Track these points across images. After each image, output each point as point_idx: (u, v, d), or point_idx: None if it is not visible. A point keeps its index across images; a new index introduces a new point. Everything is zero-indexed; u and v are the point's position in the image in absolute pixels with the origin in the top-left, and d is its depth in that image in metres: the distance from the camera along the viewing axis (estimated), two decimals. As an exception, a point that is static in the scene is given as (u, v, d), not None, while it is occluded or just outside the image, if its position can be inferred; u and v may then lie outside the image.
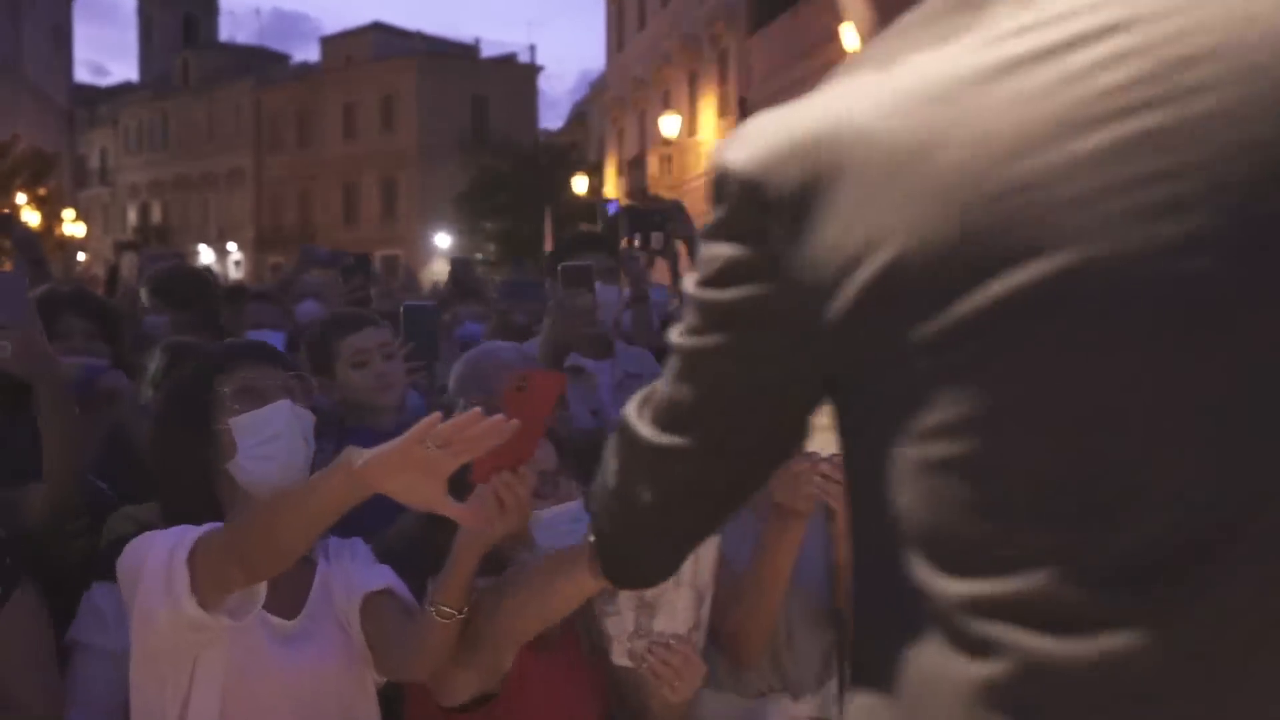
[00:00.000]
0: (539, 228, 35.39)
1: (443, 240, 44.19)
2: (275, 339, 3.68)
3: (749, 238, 1.02)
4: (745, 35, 28.99)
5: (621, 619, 1.94)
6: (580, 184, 36.45)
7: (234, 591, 1.81)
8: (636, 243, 4.11)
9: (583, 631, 2.13)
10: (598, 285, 3.30)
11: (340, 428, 2.88)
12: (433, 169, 48.90)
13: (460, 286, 6.20)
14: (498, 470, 1.75)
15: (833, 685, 2.47)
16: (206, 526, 1.87)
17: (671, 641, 1.94)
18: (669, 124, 31.75)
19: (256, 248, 54.94)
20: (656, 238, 4.52)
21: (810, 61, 25.98)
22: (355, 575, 2.03)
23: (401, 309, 3.42)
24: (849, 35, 17.35)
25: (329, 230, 49.01)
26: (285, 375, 2.13)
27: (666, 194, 33.48)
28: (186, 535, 1.85)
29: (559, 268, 3.28)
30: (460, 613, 1.84)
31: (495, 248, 38.90)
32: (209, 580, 1.79)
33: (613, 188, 37.54)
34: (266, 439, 2.04)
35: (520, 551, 2.07)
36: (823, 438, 2.00)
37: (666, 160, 32.99)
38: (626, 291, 3.83)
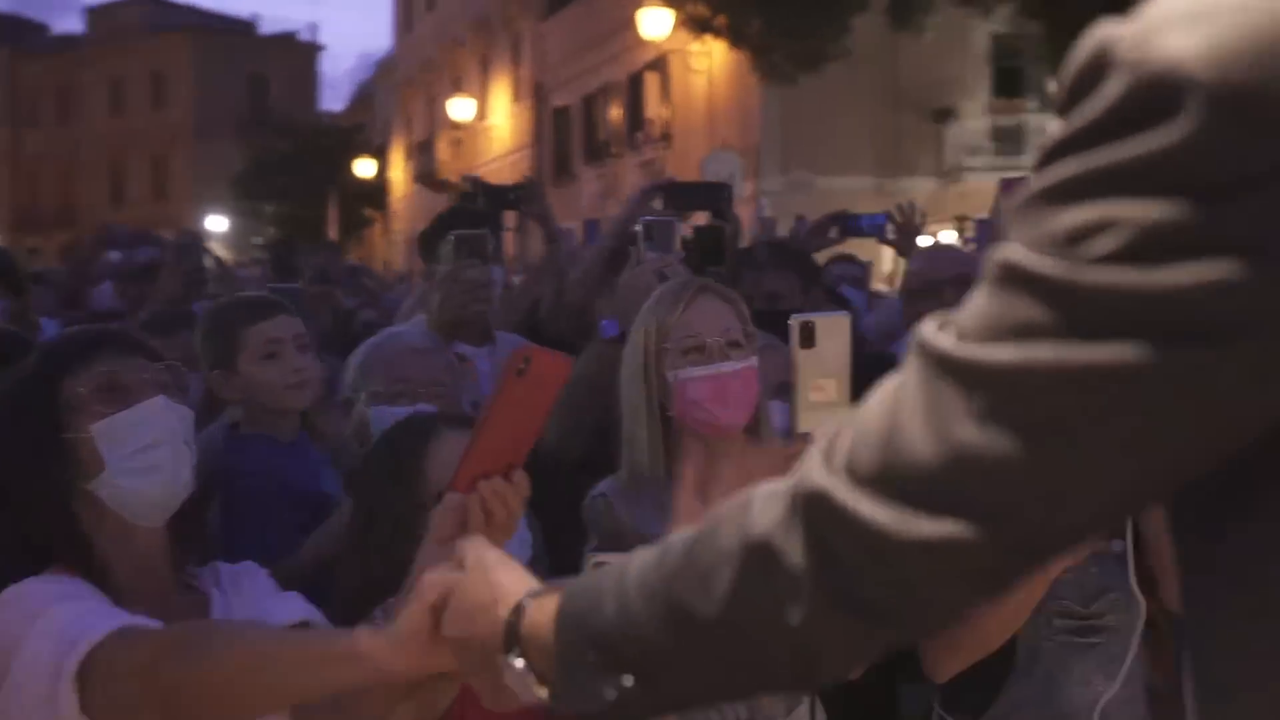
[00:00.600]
0: (321, 212, 34.32)
1: (217, 223, 42.33)
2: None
3: (1215, 187, 0.66)
4: (539, 19, 28.68)
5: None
6: (365, 167, 35.51)
7: None
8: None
9: None
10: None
11: (233, 434, 2.51)
12: (207, 149, 46.91)
13: (283, 271, 5.74)
14: (485, 476, 1.39)
15: (802, 711, 2.25)
16: (107, 623, 1.41)
17: None
18: (460, 108, 31.19)
19: (12, 229, 51.48)
20: (511, 216, 4.23)
21: (606, 48, 25.92)
22: (261, 608, 1.67)
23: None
24: (645, 21, 17.37)
25: (94, 211, 46.24)
26: (155, 367, 1.72)
27: (455, 179, 32.93)
28: (79, 635, 1.39)
29: (453, 236, 2.99)
30: None
31: (274, 231, 37.47)
32: (108, 711, 1.37)
33: (399, 172, 36.69)
34: (143, 447, 1.64)
35: None
36: (815, 414, 1.79)
37: (456, 144, 32.41)
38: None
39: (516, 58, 30.72)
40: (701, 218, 3.65)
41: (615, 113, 26.06)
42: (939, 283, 3.23)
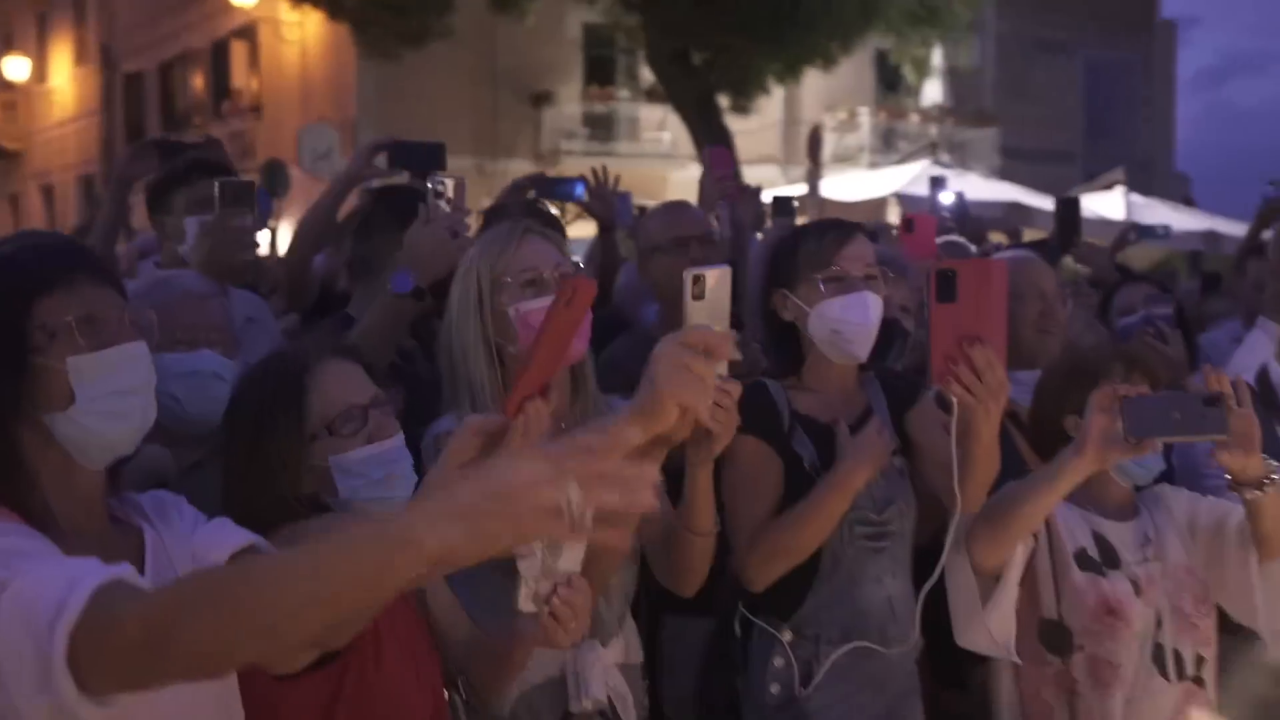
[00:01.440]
0: None
1: None
2: None
3: None
4: (107, -23, 26.72)
5: (533, 560, 1.76)
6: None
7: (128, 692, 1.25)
8: None
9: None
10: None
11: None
12: None
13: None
14: (530, 399, 1.45)
15: (631, 625, 2.41)
16: (78, 589, 1.26)
17: (571, 581, 1.80)
18: (13, 67, 28.51)
19: None
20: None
21: (185, 13, 24.53)
22: (201, 536, 1.63)
23: None
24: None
25: None
26: (129, 307, 1.63)
27: (12, 145, 30.02)
28: (55, 615, 1.25)
29: (218, 185, 2.89)
30: None
31: None
32: (102, 678, 1.24)
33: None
34: (118, 391, 1.56)
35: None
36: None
37: (11, 107, 29.56)
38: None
39: (80, 17, 28.43)
40: None
41: (197, 81, 24.75)
42: (685, 239, 3.46)
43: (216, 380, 2.38)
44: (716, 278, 1.97)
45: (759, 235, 4.43)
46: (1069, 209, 5.25)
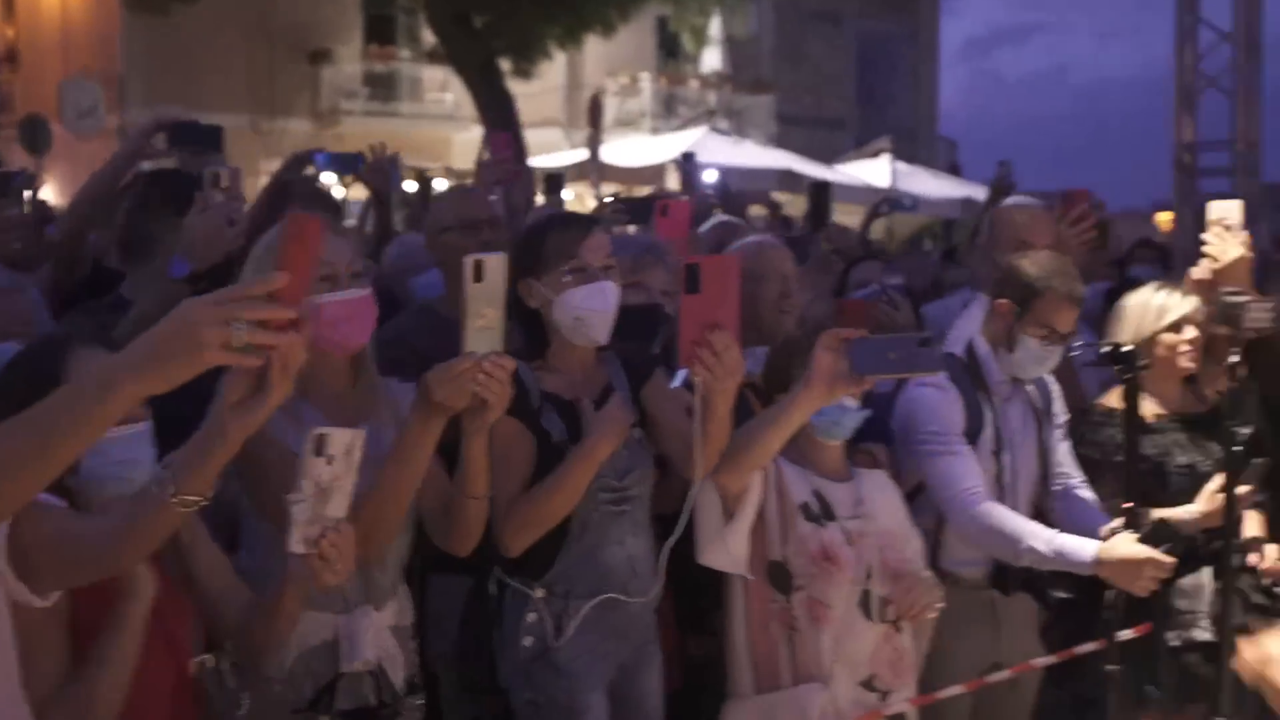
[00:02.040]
0: None
1: None
2: None
3: None
4: None
5: (304, 505, 1.95)
6: None
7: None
8: None
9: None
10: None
11: None
12: None
13: None
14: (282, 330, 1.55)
15: (404, 589, 2.61)
16: None
17: (339, 526, 2.00)
18: None
19: None
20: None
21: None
22: None
23: None
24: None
25: None
26: None
27: None
28: None
29: None
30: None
31: None
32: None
33: None
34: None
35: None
36: (482, 337, 2.16)
37: None
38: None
39: None
40: None
41: (-55, 28, 23.23)
42: (475, 221, 3.62)
43: None
44: (494, 263, 2.20)
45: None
46: (820, 193, 5.66)
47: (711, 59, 24.04)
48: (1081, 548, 3.17)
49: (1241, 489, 3.34)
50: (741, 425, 2.78)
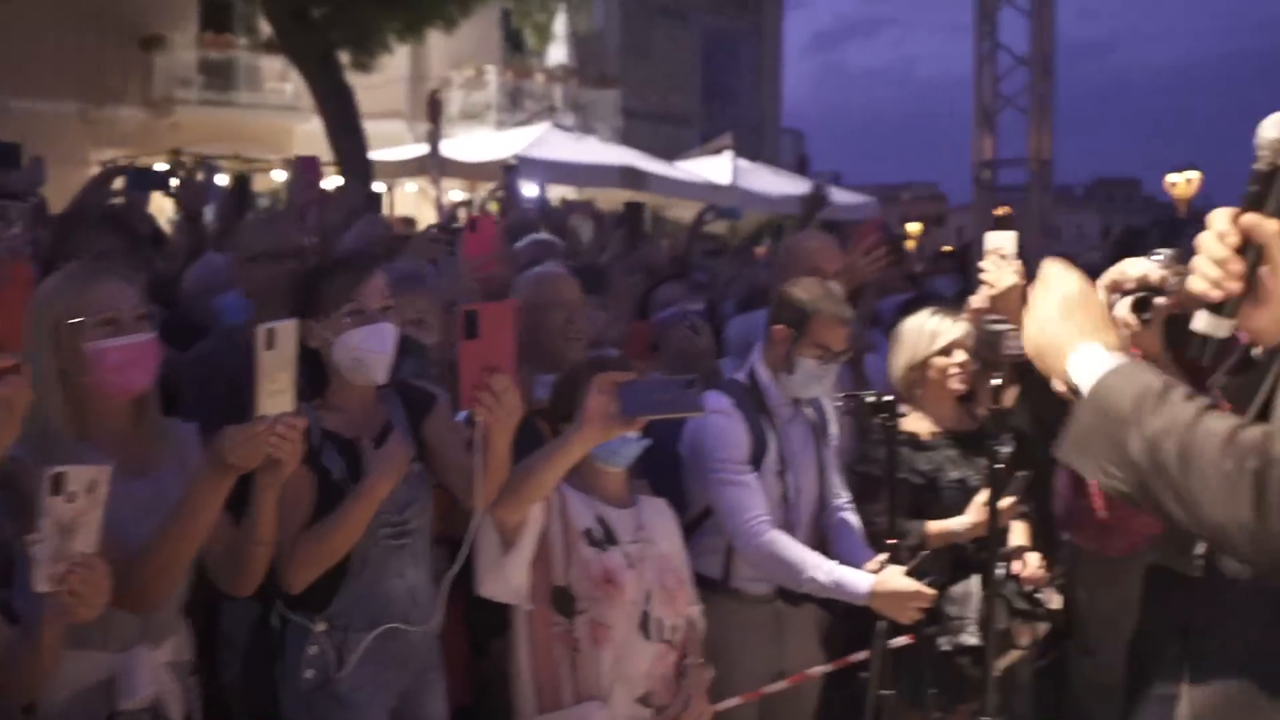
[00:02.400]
0: None
1: None
2: None
3: None
4: None
5: (46, 544, 1.98)
6: None
7: None
8: None
9: None
10: None
11: None
12: None
13: None
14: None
15: (184, 625, 2.63)
16: None
17: (87, 560, 2.04)
18: None
19: None
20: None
21: None
22: None
23: None
24: None
25: None
26: None
27: None
28: None
29: None
30: None
31: None
32: None
33: None
34: None
35: None
36: (275, 401, 2.22)
37: None
38: None
39: None
40: None
41: None
42: (284, 251, 3.60)
43: None
44: (286, 331, 2.27)
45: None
46: (633, 213, 5.80)
47: (558, 53, 24.07)
48: (857, 581, 3.40)
49: (1005, 502, 3.58)
50: (529, 451, 2.89)
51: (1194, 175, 29.15)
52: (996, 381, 3.64)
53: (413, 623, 2.87)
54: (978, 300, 3.84)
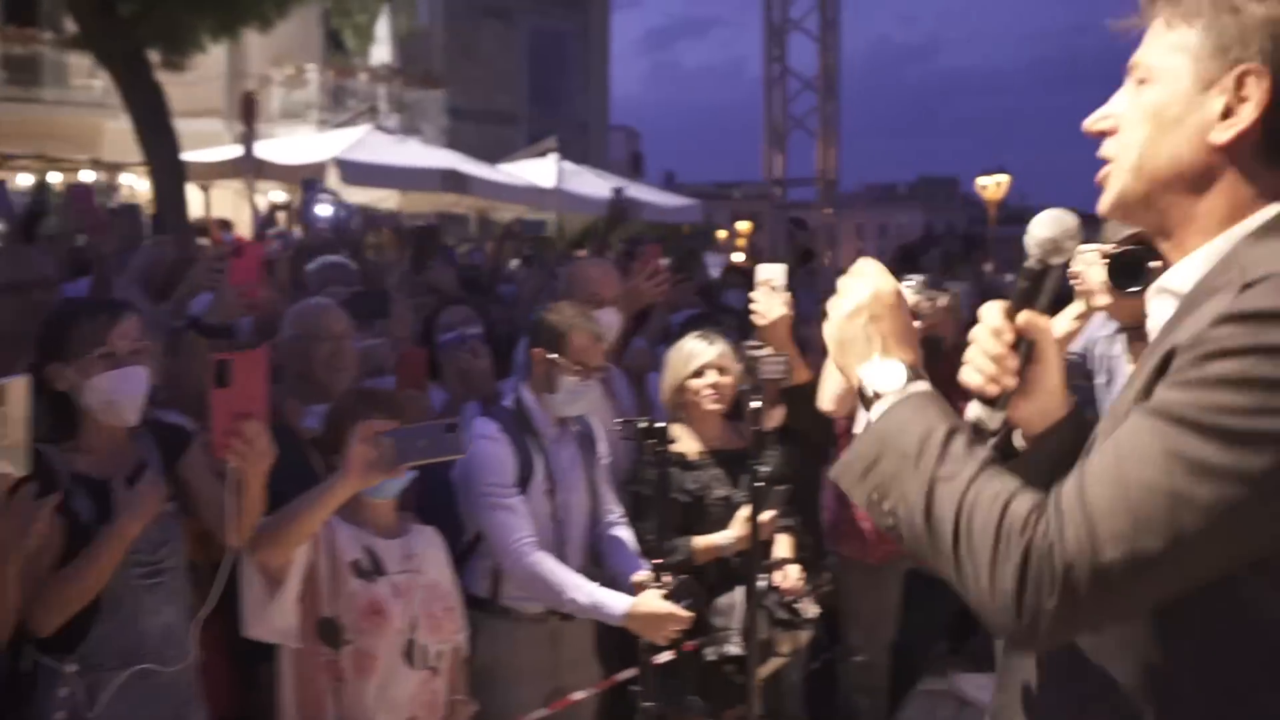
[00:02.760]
0: None
1: None
2: None
3: None
4: None
5: None
6: None
7: None
8: None
9: None
10: None
11: None
12: None
13: None
14: None
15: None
16: None
17: None
18: None
19: None
20: None
21: None
22: None
23: None
24: None
25: None
26: None
27: None
28: None
29: None
30: None
31: None
32: None
33: None
34: None
35: None
36: (6, 455, 2.22)
37: None
38: None
39: None
40: None
41: None
42: (25, 282, 3.54)
43: None
44: (16, 388, 2.28)
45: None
46: (424, 237, 5.87)
47: (382, 52, 23.79)
48: (615, 602, 3.55)
49: (765, 516, 3.78)
50: (298, 481, 2.96)
51: (1003, 178, 30.60)
52: (756, 404, 3.85)
53: (167, 662, 2.90)
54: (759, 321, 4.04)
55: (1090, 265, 3.35)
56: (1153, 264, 3.20)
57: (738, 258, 18.07)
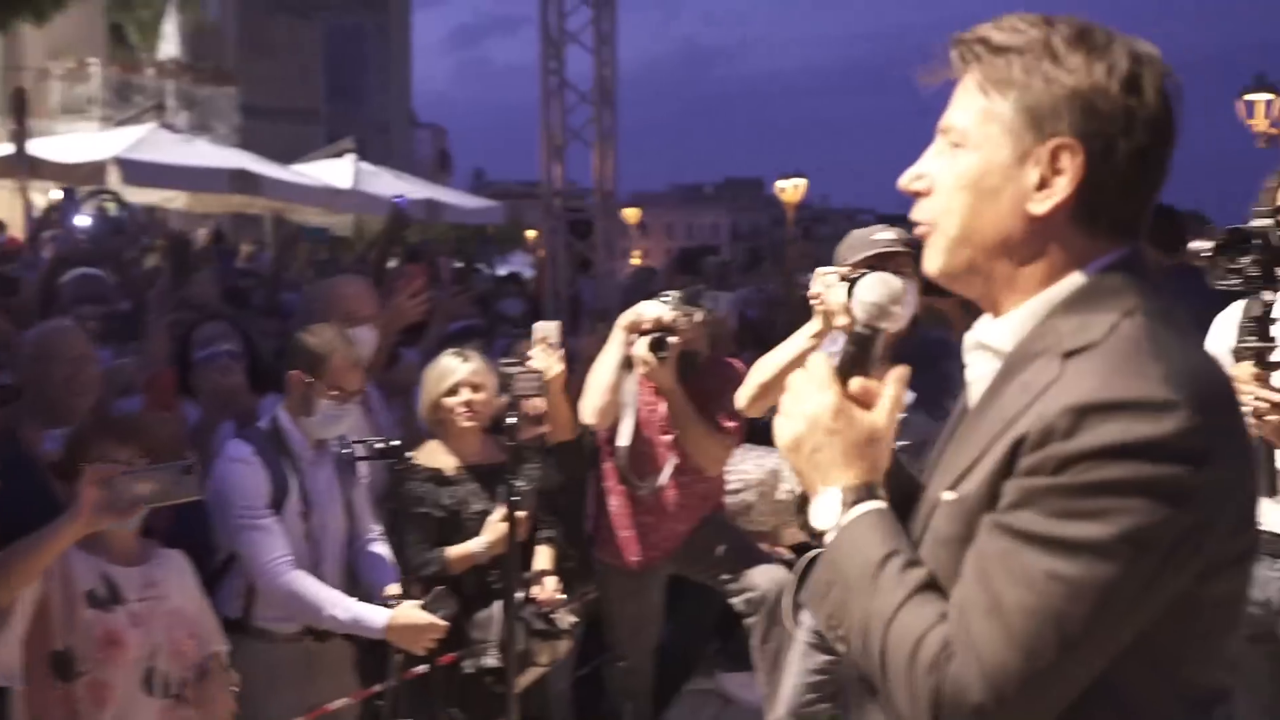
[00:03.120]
0: None
1: None
2: None
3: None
4: None
5: None
6: None
7: None
8: None
9: None
10: None
11: None
12: None
13: None
14: None
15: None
16: None
17: None
18: None
19: None
20: None
21: None
22: None
23: None
24: None
25: None
26: None
27: None
28: None
29: None
30: None
31: None
32: None
33: None
34: None
35: None
36: None
37: None
38: None
39: None
40: None
41: None
42: None
43: None
44: None
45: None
46: (180, 249, 5.76)
47: (170, 47, 22.96)
48: (374, 616, 3.60)
49: (518, 526, 3.86)
50: (38, 507, 2.90)
51: (800, 181, 31.62)
52: (512, 419, 3.92)
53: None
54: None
55: (830, 287, 3.51)
56: None
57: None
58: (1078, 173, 1.40)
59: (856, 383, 1.53)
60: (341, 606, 3.61)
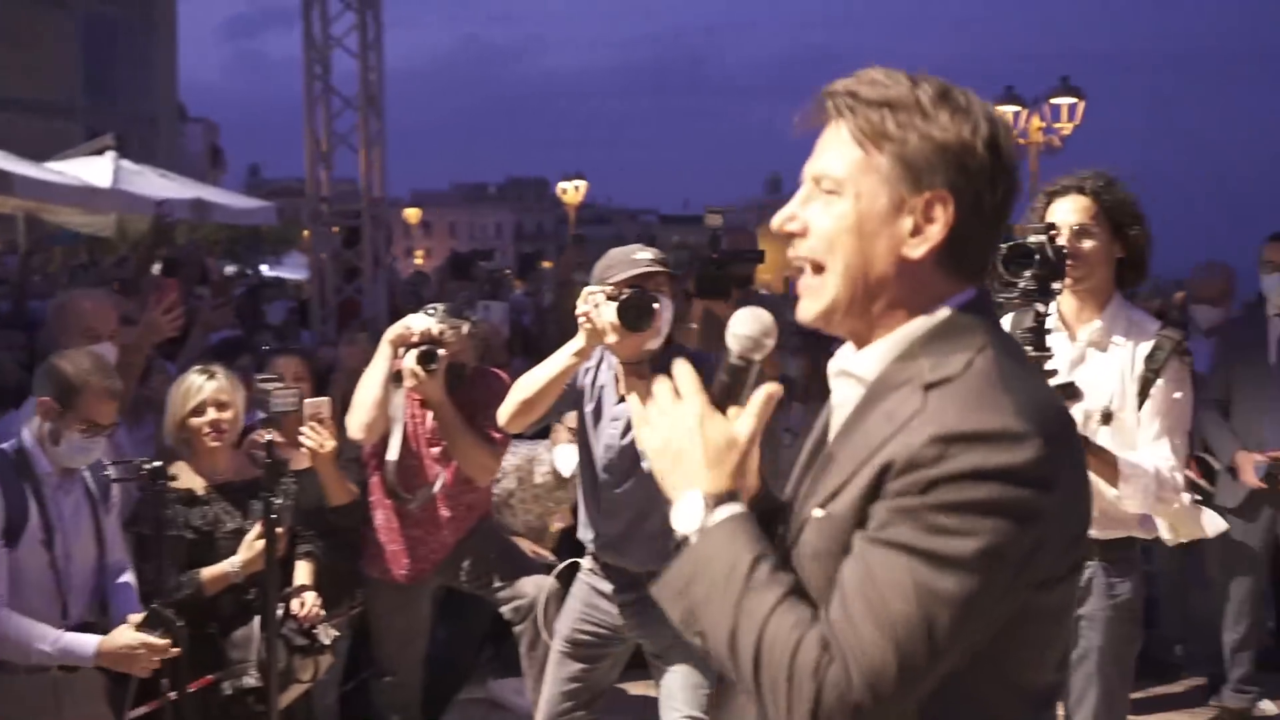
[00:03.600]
0: None
1: None
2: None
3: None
4: None
5: None
6: None
7: None
8: None
9: None
10: None
11: None
12: None
13: None
14: None
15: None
16: None
17: None
18: None
19: None
20: None
21: None
22: None
23: None
24: None
25: None
26: None
27: None
28: None
29: None
30: None
31: None
32: None
33: None
34: None
35: None
36: None
37: None
38: None
39: None
40: None
41: None
42: None
43: None
44: None
45: None
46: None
47: (-92, 34, 21.46)
48: (83, 644, 3.50)
49: (277, 542, 3.81)
50: None
51: (580, 183, 31.95)
52: (269, 436, 3.86)
53: None
54: None
55: (599, 305, 3.55)
56: (655, 305, 3.50)
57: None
58: (949, 221, 1.54)
59: (733, 412, 1.63)
60: (48, 640, 3.46)
